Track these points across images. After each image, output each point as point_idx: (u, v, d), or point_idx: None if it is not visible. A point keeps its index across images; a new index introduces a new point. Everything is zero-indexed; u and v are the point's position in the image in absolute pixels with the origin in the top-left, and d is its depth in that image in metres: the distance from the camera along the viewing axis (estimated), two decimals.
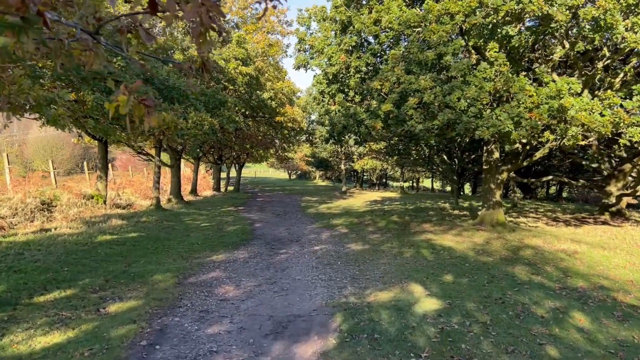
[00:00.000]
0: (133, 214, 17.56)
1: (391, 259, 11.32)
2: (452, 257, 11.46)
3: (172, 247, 11.95)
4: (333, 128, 14.91)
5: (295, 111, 27.24)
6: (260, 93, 22.32)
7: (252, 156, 37.76)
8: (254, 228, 16.68)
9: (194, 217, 18.63)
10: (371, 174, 56.24)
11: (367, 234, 15.74)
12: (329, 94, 16.32)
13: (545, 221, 20.18)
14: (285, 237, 15.00)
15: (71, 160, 69.24)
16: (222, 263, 10.54)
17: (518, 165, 15.40)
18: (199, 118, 9.46)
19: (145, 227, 14.79)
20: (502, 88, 10.49)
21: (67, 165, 69.20)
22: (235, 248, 12.52)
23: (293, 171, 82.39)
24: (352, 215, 21.03)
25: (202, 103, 10.60)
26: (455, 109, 10.73)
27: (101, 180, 18.77)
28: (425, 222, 18.14)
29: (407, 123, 11.11)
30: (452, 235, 14.64)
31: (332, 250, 12.52)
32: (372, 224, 18.21)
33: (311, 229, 17.07)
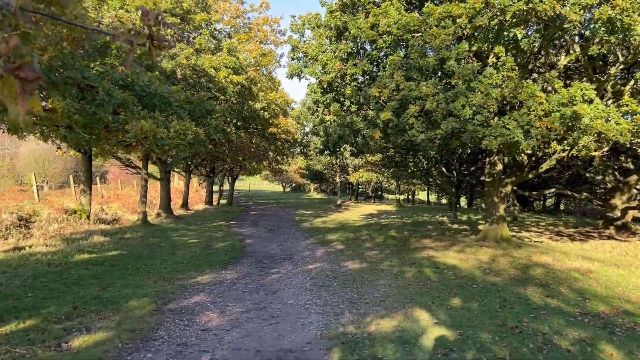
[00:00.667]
0: (117, 230, 16.63)
1: (392, 280, 10.45)
2: (457, 277, 10.60)
3: (154, 267, 11.03)
4: (328, 139, 14.12)
5: (289, 122, 26.48)
6: (252, 103, 21.53)
7: (245, 169, 36.91)
8: (245, 244, 15.78)
9: (182, 232, 17.71)
10: (366, 186, 55.45)
11: (364, 250, 14.87)
12: (323, 103, 15.57)
13: (548, 236, 19.42)
14: (278, 254, 14.11)
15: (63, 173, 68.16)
16: (207, 285, 9.63)
17: (523, 177, 14.64)
18: (182, 127, 8.65)
19: (128, 245, 13.87)
20: (510, 95, 9.75)
21: (60, 178, 68.17)
22: (223, 267, 11.62)
23: (287, 184, 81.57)
24: (348, 230, 20.17)
25: (186, 111, 9.80)
26: (460, 117, 9.96)
27: (85, 194, 17.85)
28: (425, 238, 17.31)
29: (408, 132, 10.33)
30: (454, 252, 13.80)
31: (328, 270, 11.64)
32: (369, 239, 17.35)
33: (305, 245, 16.18)
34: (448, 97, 10.21)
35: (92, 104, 8.09)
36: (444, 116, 10.17)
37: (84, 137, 8.01)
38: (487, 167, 15.37)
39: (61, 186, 63.07)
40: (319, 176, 55.30)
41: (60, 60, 8.48)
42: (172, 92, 9.62)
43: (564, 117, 9.56)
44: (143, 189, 18.79)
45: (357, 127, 11.52)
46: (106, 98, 8.27)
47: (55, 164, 65.94)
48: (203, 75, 17.21)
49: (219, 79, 17.77)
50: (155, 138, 7.91)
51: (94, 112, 7.93)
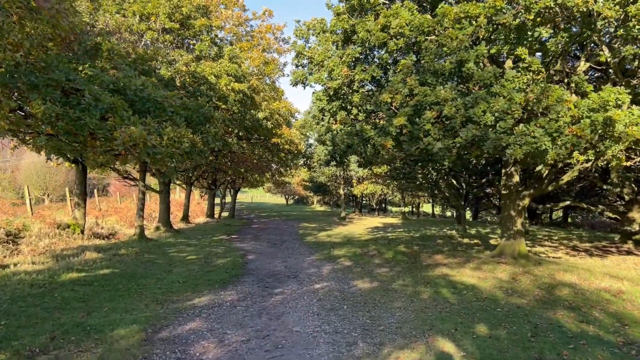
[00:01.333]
0: (112, 246, 15.77)
1: (407, 302, 9.54)
2: (478, 299, 9.69)
3: (147, 287, 10.15)
4: (335, 148, 13.30)
5: (293, 133, 25.71)
6: (254, 112, 20.77)
7: (248, 181, 36.11)
8: (247, 261, 14.89)
9: (180, 248, 16.83)
10: (370, 199, 54.57)
11: (373, 267, 13.97)
12: (329, 111, 14.79)
13: (564, 250, 18.49)
14: (282, 271, 13.22)
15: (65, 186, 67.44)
16: (204, 308, 8.75)
17: (542, 189, 13.78)
18: (177, 134, 7.85)
19: (122, 262, 13.01)
20: (536, 99, 8.92)
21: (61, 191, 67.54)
22: (223, 287, 10.74)
23: (290, 196, 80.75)
24: (355, 245, 19.26)
25: (183, 118, 9.01)
26: (480, 124, 9.14)
27: (79, 207, 17.03)
28: (437, 253, 16.39)
29: (423, 140, 9.50)
30: (470, 270, 12.89)
31: (336, 290, 10.74)
32: (377, 255, 16.45)
33: (310, 261, 15.29)
34: (467, 102, 9.39)
35: (77, 108, 7.29)
36: (462, 123, 9.34)
37: (67, 145, 7.21)
38: (503, 179, 14.51)
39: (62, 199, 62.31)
40: (323, 188, 54.42)
41: (44, 61, 7.71)
42: (166, 97, 8.83)
43: (595, 124, 8.72)
44: (140, 201, 17.96)
45: (367, 136, 10.69)
46: (93, 102, 7.47)
47: (56, 177, 65.46)
48: (203, 83, 16.48)
49: (220, 87, 17.01)
50: (145, 146, 7.10)
51: (78, 117, 7.13)
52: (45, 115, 6.84)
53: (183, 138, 8.03)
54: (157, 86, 9.84)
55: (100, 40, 10.17)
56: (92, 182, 73.04)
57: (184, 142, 7.96)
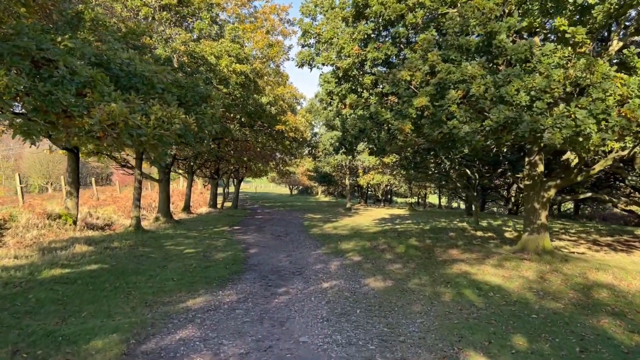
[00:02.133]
0: (105, 238, 14.77)
1: (427, 305, 8.49)
2: (507, 302, 8.63)
3: (137, 286, 9.12)
4: (345, 134, 12.18)
5: (298, 120, 24.56)
6: (257, 97, 19.59)
7: (251, 170, 35.02)
8: (248, 255, 13.86)
9: (178, 240, 15.81)
10: (376, 189, 53.42)
11: (385, 263, 12.92)
12: (338, 95, 13.68)
13: (586, 245, 17.37)
14: (286, 267, 12.19)
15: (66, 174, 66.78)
16: (199, 312, 7.71)
17: (570, 180, 12.65)
18: (167, 114, 6.79)
19: (114, 256, 12.00)
20: (580, 76, 7.79)
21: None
22: (221, 286, 9.71)
23: (295, 186, 79.75)
24: (363, 238, 18.20)
25: (175, 96, 7.94)
26: (514, 104, 8.01)
27: (71, 197, 16.02)
28: (452, 248, 15.32)
29: (448, 123, 8.38)
30: (492, 267, 11.82)
31: (346, 289, 9.70)
32: (388, 249, 15.39)
33: (317, 255, 14.25)
34: (498, 79, 8.25)
35: (48, 81, 6.21)
36: (493, 103, 8.22)
37: (36, 125, 6.17)
38: (527, 169, 13.38)
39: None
40: (327, 178, 53.26)
41: (13, 29, 6.63)
42: (156, 72, 7.74)
43: None
44: (137, 191, 16.94)
45: (383, 119, 9.57)
46: (67, 75, 6.39)
47: (60, 165, 64.89)
48: (202, 64, 15.37)
49: (221, 68, 15.87)
50: (127, 126, 6.03)
51: (49, 91, 6.06)
52: (8, 89, 5.77)
53: (174, 119, 6.95)
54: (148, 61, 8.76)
55: (83, 9, 9.10)
56: (95, 171, 72.36)
57: (174, 123, 6.89)
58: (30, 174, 64.64)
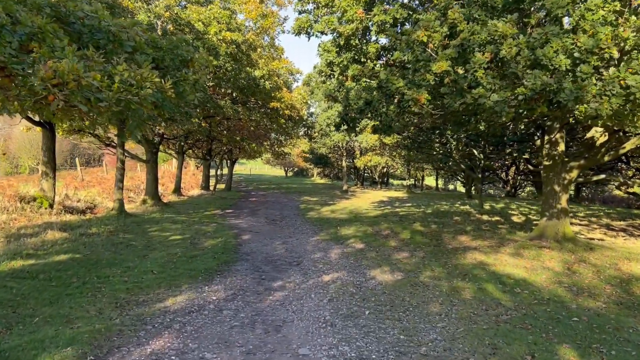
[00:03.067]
0: (84, 222, 13.49)
1: (446, 304, 7.31)
2: (539, 301, 7.46)
3: (110, 281, 7.89)
4: (347, 108, 10.88)
5: (294, 97, 23.12)
6: (250, 70, 18.15)
7: (245, 151, 33.62)
8: (240, 242, 12.64)
9: (164, 225, 14.55)
10: (373, 171, 52.18)
11: (390, 251, 11.75)
12: (339, 65, 12.34)
13: (601, 230, 16.26)
14: (281, 256, 10.98)
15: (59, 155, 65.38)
16: (178, 314, 6.50)
17: (596, 160, 11.44)
18: (135, 76, 5.50)
19: (89, 244, 10.75)
20: (635, 35, 6.52)
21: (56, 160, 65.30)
22: (208, 279, 8.49)
23: (290, 168, 78.49)
24: (364, 222, 17.01)
25: (149, 58, 6.63)
26: (551, 68, 6.74)
27: (47, 178, 14.69)
28: (461, 234, 14.16)
29: (472, 92, 7.11)
30: (509, 256, 10.66)
31: (351, 284, 8.51)
32: (392, 235, 14.22)
33: (315, 242, 13.06)
34: (533, 39, 6.96)
35: None
36: (528, 67, 6.94)
37: None
38: (546, 148, 12.16)
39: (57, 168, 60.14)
40: (323, 160, 52.02)
41: None
42: (125, 28, 6.40)
43: None
44: (119, 171, 15.63)
45: (395, 87, 8.25)
46: (8, 24, 5.06)
47: None
48: (189, 31, 13.95)
49: (209, 37, 14.45)
50: (81, 87, 4.75)
51: None
52: None
53: (144, 82, 5.65)
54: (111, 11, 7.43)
55: None
56: (87, 152, 70.73)
57: (145, 87, 5.59)
58: (20, 155, 63.19)
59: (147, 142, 21.68)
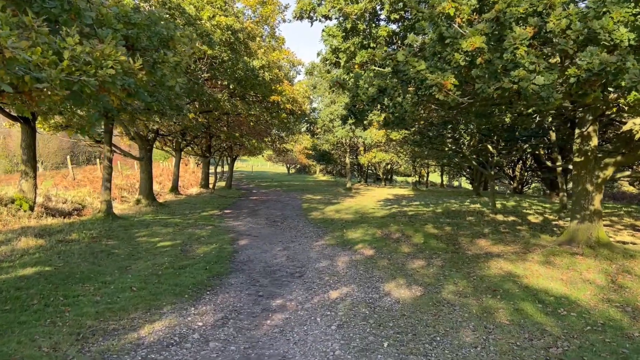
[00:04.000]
0: (65, 227, 12.28)
1: (480, 330, 6.06)
2: (591, 326, 6.20)
3: (78, 301, 6.66)
4: (355, 99, 9.61)
5: (296, 90, 21.86)
6: (248, 60, 16.84)
7: (245, 148, 32.36)
8: (237, 248, 11.41)
9: (155, 229, 13.32)
10: (377, 168, 50.86)
11: (404, 258, 10.51)
12: (345, 52, 11.11)
13: (629, 232, 14.98)
14: (282, 265, 9.75)
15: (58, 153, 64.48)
16: (153, 349, 5.26)
17: (637, 156, 10.18)
18: (94, 52, 4.28)
19: (66, 253, 9.53)
20: None
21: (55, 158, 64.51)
22: (195, 298, 7.26)
23: (292, 165, 77.20)
24: (371, 224, 15.77)
25: (120, 35, 5.40)
26: (611, 44, 5.49)
27: (27, 177, 13.47)
28: (479, 237, 12.92)
29: (512, 74, 5.85)
30: (539, 265, 9.41)
31: (363, 302, 7.28)
32: (403, 238, 12.98)
33: (320, 248, 11.82)
34: (587, 10, 5.70)
35: None
36: (580, 43, 5.70)
37: None
38: (577, 142, 10.89)
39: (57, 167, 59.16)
40: (326, 157, 50.69)
41: None
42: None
43: None
44: (106, 170, 14.40)
45: (415, 71, 6.95)
46: None
47: (50, 144, 62.81)
48: (179, 16, 12.70)
49: (202, 23, 13.19)
50: (8, 61, 3.54)
51: None
52: None
53: (105, 60, 4.43)
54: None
55: None
56: (88, 150, 69.61)
57: (105, 67, 4.38)
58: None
59: (141, 138, 20.49)
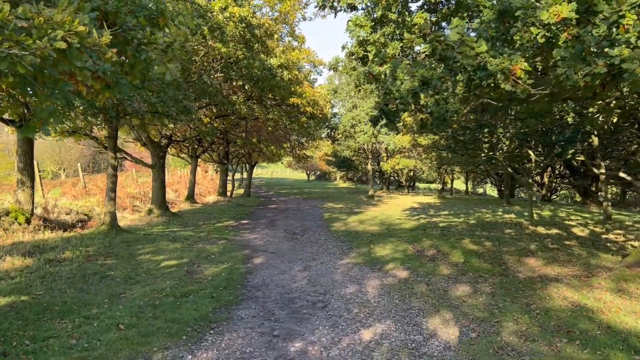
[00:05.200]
0: (62, 242, 11.04)
1: None
2: None
3: (47, 347, 5.29)
4: (388, 97, 8.14)
5: (317, 92, 20.39)
6: (265, 57, 15.42)
7: (264, 154, 31.05)
8: (250, 268, 9.99)
9: (161, 244, 12.00)
10: (399, 174, 49.12)
11: (445, 283, 8.98)
12: (374, 44, 9.68)
13: None
14: (302, 292, 8.29)
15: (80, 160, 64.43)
16: None
17: None
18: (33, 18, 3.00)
19: (51, 276, 8.24)
20: None
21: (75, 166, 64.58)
22: (196, 339, 5.85)
23: (312, 172, 75.90)
24: (401, 237, 14.23)
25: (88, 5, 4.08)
26: None
27: (23, 187, 12.30)
28: (526, 255, 11.31)
29: (613, 52, 4.34)
30: (611, 294, 7.78)
31: (404, 347, 5.77)
32: (440, 256, 11.43)
33: (345, 268, 10.34)
34: None
35: None
36: None
37: None
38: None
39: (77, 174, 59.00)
40: (347, 163, 49.17)
41: None
42: None
43: None
44: (110, 178, 13.15)
45: (473, 54, 5.46)
46: None
47: (72, 151, 62.95)
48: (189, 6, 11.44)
49: (215, 14, 11.89)
50: None
51: None
52: None
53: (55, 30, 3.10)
54: None
55: None
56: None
57: (52, 37, 3.06)
58: (43, 160, 62.85)
59: (153, 144, 19.31)
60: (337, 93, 39.03)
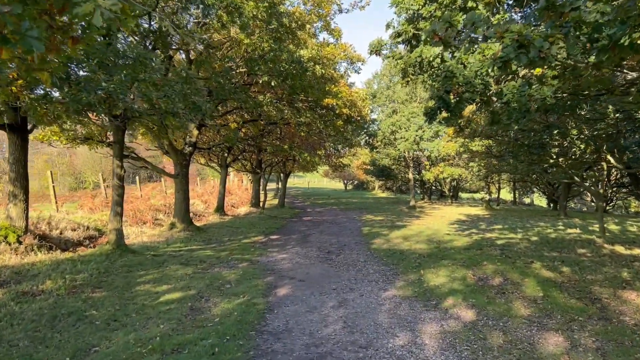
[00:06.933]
0: (50, 266, 9.28)
1: None
2: None
3: None
4: (450, 81, 5.99)
5: (355, 92, 18.22)
6: (294, 49, 13.29)
7: (298, 162, 29.09)
8: (271, 304, 7.91)
9: (168, 270, 10.07)
10: (442, 184, 46.28)
11: (527, 330, 6.66)
12: (428, 19, 7.60)
13: None
14: (336, 343, 6.14)
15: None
16: None
17: None
18: None
19: (13, 317, 6.41)
20: None
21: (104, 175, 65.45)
22: None
23: (349, 181, 73.73)
24: (455, 260, 11.91)
25: None
26: None
27: (15, 200, 10.65)
28: (622, 287, 8.85)
29: None
30: None
31: None
32: (509, 287, 9.08)
33: (391, 304, 8.12)
34: None
35: None
36: None
37: None
38: None
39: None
40: (386, 172, 46.72)
41: None
42: None
43: None
44: (116, 191, 11.39)
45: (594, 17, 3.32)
46: None
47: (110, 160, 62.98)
48: None
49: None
50: None
51: None
52: None
53: None
54: None
55: None
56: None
57: None
58: (84, 170, 63.53)
59: (175, 152, 17.65)
60: (375, 98, 36.82)
